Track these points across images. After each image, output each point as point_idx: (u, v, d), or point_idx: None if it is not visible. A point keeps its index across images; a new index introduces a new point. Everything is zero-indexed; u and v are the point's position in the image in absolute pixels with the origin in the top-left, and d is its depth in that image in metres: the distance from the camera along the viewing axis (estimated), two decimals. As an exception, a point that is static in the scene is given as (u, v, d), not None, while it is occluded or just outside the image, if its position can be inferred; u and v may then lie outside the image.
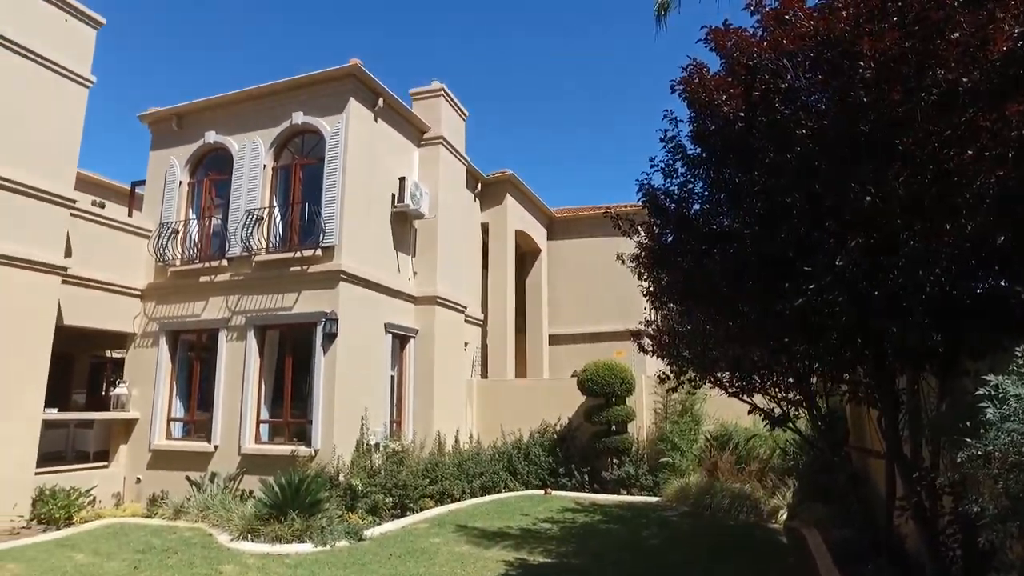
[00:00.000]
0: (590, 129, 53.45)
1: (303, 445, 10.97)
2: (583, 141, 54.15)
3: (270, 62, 55.37)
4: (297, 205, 12.15)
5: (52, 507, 9.88)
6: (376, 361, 12.27)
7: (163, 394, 12.33)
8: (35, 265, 10.24)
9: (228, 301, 12.04)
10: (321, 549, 8.39)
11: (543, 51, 49.75)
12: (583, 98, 52.06)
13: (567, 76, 51.40)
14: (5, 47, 10.21)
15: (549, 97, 53.11)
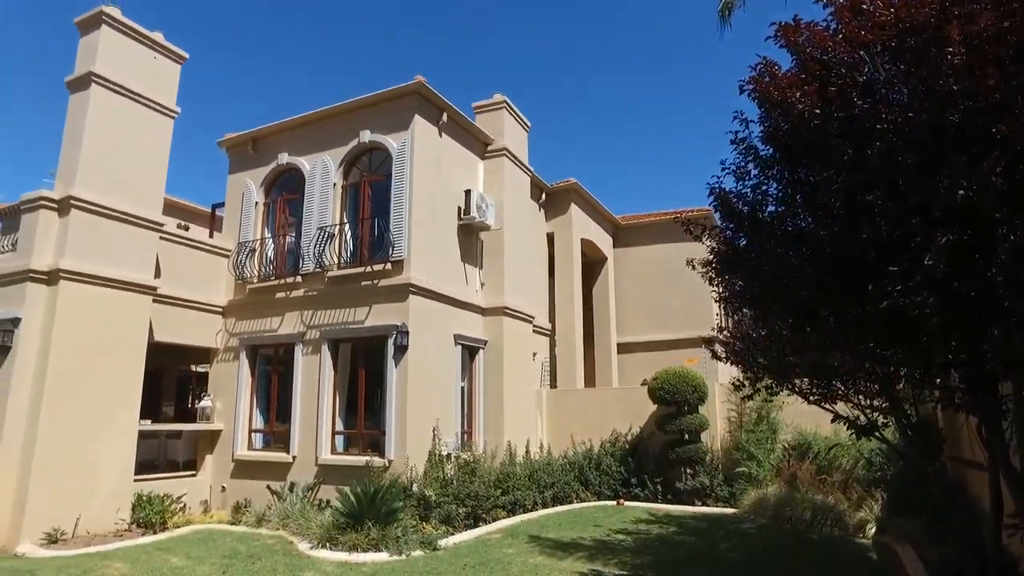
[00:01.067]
0: (652, 135, 52.80)
1: (377, 456, 11.19)
2: (647, 147, 53.53)
3: (337, 83, 57.35)
4: (367, 221, 12.48)
5: (149, 512, 10.51)
6: (446, 372, 12.42)
7: (244, 406, 12.85)
8: (130, 286, 10.94)
9: (303, 316, 12.47)
10: (397, 558, 8.50)
11: (602, 59, 49.58)
12: (646, 105, 51.52)
13: (627, 83, 51.03)
14: (105, 87, 11.04)
15: (611, 105, 52.83)
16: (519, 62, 51.27)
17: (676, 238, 19.42)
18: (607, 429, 14.36)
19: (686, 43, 48.19)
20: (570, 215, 18.12)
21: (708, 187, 6.35)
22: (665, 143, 53.72)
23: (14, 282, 10.21)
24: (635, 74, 50.80)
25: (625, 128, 53.45)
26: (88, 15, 11.28)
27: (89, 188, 10.58)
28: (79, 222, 10.43)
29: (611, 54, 49.51)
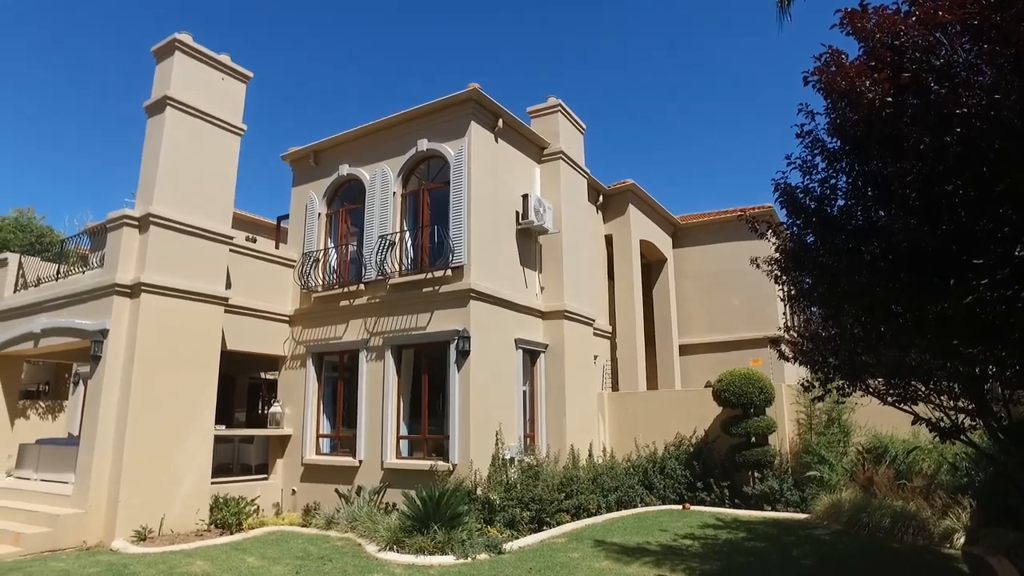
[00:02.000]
0: (711, 134, 51.76)
1: (441, 460, 11.32)
2: (705, 148, 52.52)
3: (394, 94, 58.53)
4: (426, 228, 12.68)
5: (226, 514, 10.94)
6: (508, 376, 12.46)
7: (312, 412, 13.22)
8: (203, 297, 11.45)
9: (366, 323, 12.75)
10: (463, 561, 8.55)
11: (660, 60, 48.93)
12: (701, 103, 50.58)
13: (683, 82, 50.18)
14: (179, 109, 11.63)
15: (668, 106, 52.06)
16: (573, 64, 51.16)
17: (737, 237, 19.15)
18: (670, 432, 14.12)
19: (742, 39, 47.10)
20: (628, 216, 17.95)
21: (773, 183, 6.18)
22: (720, 142, 52.57)
23: (102, 296, 10.84)
24: (691, 73, 49.95)
25: (682, 127, 52.59)
26: (163, 43, 11.89)
27: (165, 205, 11.13)
28: (157, 238, 10.98)
29: (666, 52, 48.83)
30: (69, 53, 63.17)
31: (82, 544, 9.77)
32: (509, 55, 54.59)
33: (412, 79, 55.10)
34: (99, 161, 64.83)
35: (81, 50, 62.99)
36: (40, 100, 65.53)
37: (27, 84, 61.91)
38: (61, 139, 68.11)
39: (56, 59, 62.31)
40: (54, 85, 63.18)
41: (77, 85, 63.83)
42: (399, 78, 57.95)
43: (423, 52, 58.60)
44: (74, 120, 67.25)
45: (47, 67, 62.34)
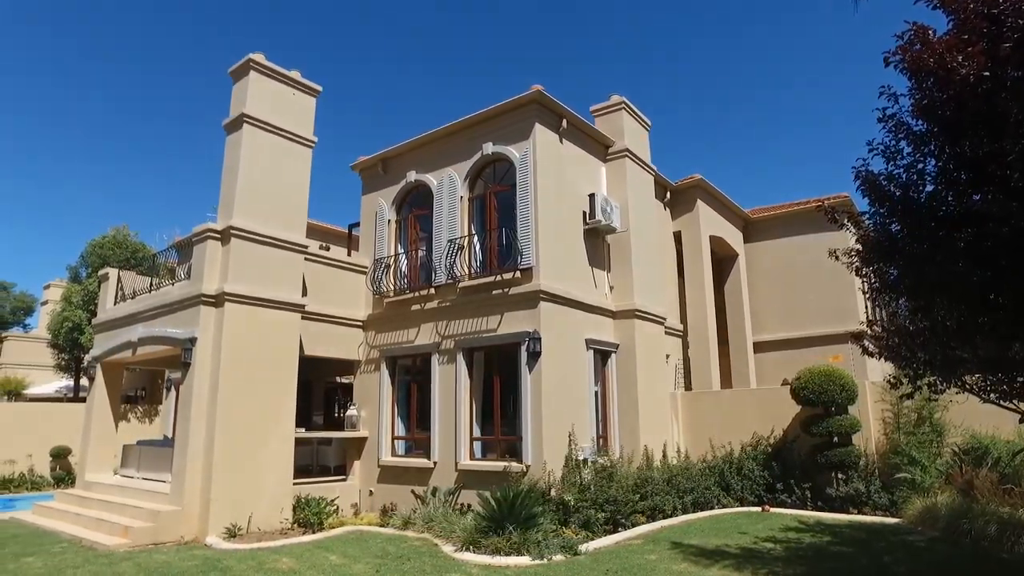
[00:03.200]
0: (775, 127, 50.06)
1: (515, 461, 11.35)
2: (770, 140, 50.83)
3: (459, 98, 59.36)
4: (494, 231, 12.77)
5: (308, 513, 11.31)
6: (579, 377, 12.39)
7: (387, 415, 13.52)
8: (282, 305, 11.89)
9: (437, 326, 12.94)
10: (538, 562, 8.54)
11: (721, 56, 47.70)
12: (768, 97, 48.97)
13: (750, 78, 48.75)
14: (255, 126, 12.16)
15: (733, 100, 50.70)
16: (637, 61, 50.52)
17: (811, 229, 18.47)
18: (747, 432, 13.71)
19: (807, 24, 45.37)
20: (697, 212, 17.57)
21: (853, 171, 5.90)
22: (787, 135, 50.71)
23: (190, 305, 11.43)
24: (757, 64, 48.44)
25: (748, 122, 51.06)
26: (239, 64, 12.46)
27: (245, 217, 11.63)
28: (238, 249, 11.48)
29: (734, 49, 47.56)
30: (155, 81, 67.09)
31: (180, 539, 10.33)
32: (569, 52, 54.46)
33: (476, 83, 55.75)
34: (184, 179, 68.54)
35: (166, 76, 66.79)
36: (128, 126, 69.86)
37: (118, 111, 66.05)
38: (148, 160, 72.40)
39: (142, 88, 66.27)
40: (141, 111, 67.20)
41: (161, 110, 67.69)
42: (463, 81, 58.75)
43: (486, 55, 59.20)
44: (158, 142, 71.34)
45: (140, 98, 66.37)
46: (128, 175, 76.77)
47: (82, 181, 75.65)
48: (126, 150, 75.74)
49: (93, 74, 68.62)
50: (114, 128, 73.63)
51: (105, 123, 72.84)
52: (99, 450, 14.18)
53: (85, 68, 66.96)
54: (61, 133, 72.17)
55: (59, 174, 73.98)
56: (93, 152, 75.11)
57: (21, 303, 42.40)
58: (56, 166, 73.66)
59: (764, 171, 54.26)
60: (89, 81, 68.56)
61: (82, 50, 66.20)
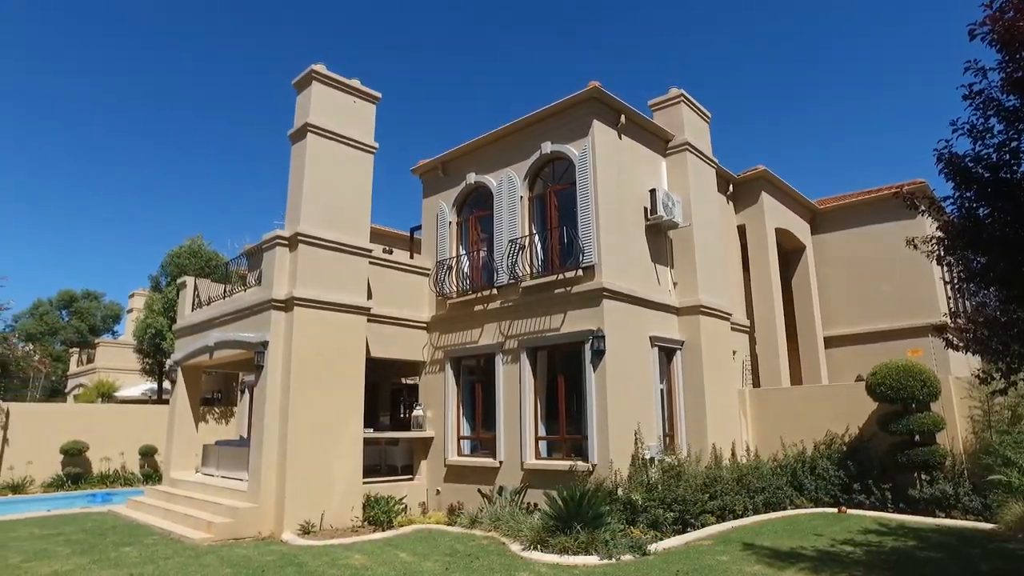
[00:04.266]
0: (840, 117, 48.11)
1: (580, 460, 11.31)
2: (836, 130, 48.91)
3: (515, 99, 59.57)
4: (555, 230, 12.75)
5: (377, 511, 11.58)
6: (644, 375, 12.25)
7: (452, 415, 13.69)
8: (348, 308, 12.20)
9: (500, 326, 13.02)
10: (607, 562, 8.47)
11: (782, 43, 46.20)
12: (832, 84, 47.12)
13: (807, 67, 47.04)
14: (318, 134, 12.51)
15: (794, 90, 49.02)
16: (694, 53, 49.51)
17: (883, 218, 17.70)
18: (819, 430, 13.23)
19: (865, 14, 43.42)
20: (761, 204, 17.08)
21: (935, 153, 5.58)
22: (853, 124, 48.65)
23: (261, 310, 11.86)
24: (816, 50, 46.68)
25: (812, 112, 49.27)
26: (302, 75, 12.85)
27: (311, 224, 11.99)
28: (305, 255, 11.85)
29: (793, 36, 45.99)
30: (222, 94, 70.03)
31: (258, 534, 10.74)
32: (624, 46, 53.84)
33: (532, 81, 55.85)
34: (253, 189, 71.27)
35: (236, 89, 69.61)
36: (202, 139, 73.13)
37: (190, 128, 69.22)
38: (218, 171, 75.63)
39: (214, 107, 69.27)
40: (215, 126, 70.23)
41: (235, 122, 70.56)
42: (518, 80, 58.97)
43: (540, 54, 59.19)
44: (229, 154, 74.41)
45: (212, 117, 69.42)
46: (201, 186, 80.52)
47: (159, 193, 79.78)
48: (199, 162, 79.45)
49: (173, 89, 72.29)
50: (186, 142, 77.35)
51: (177, 136, 76.62)
52: (182, 449, 14.91)
53: (171, 83, 70.59)
54: (139, 146, 76.28)
55: (137, 187, 78.26)
56: (169, 164, 79.11)
57: (110, 311, 45.07)
58: (135, 179, 77.95)
59: (829, 161, 52.29)
60: (172, 100, 72.27)
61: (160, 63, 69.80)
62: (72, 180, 76.88)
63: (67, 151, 75.02)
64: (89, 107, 73.56)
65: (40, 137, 72.32)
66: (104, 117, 75.50)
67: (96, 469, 19.41)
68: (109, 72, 71.40)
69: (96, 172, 77.63)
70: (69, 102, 71.52)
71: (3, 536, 10.95)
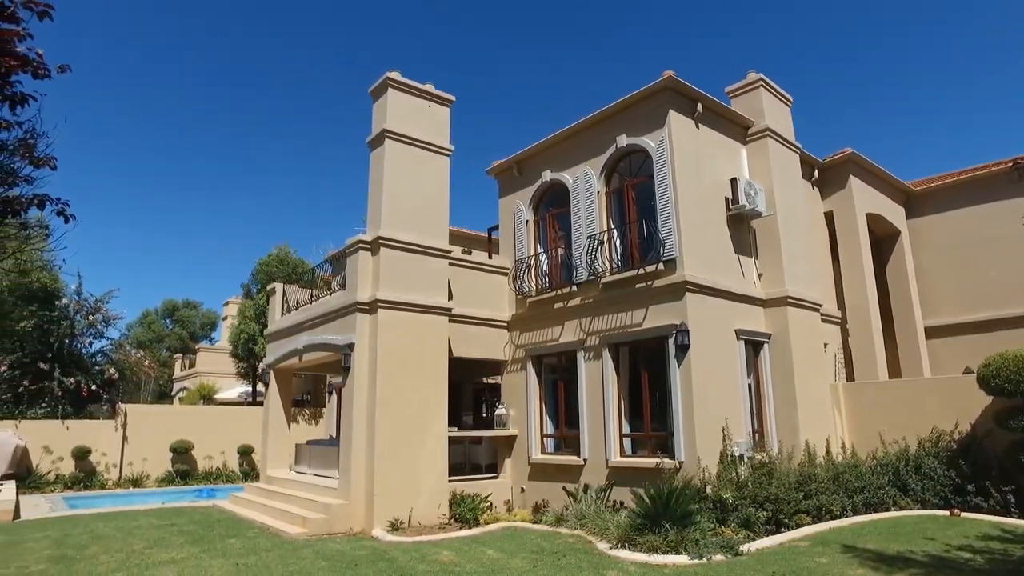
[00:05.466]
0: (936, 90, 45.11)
1: (667, 457, 11.09)
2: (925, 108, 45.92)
3: (587, 95, 59.18)
4: (634, 224, 12.56)
5: (463, 509, 11.74)
6: (730, 370, 11.89)
7: (535, 413, 13.71)
8: (430, 309, 12.44)
9: (581, 324, 12.94)
10: (697, 562, 8.26)
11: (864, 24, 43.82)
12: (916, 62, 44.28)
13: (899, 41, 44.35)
14: (395, 140, 12.82)
15: (879, 68, 46.41)
16: (771, 37, 47.71)
17: (990, 197, 16.49)
18: (924, 426, 12.41)
19: None
20: (850, 189, 16.24)
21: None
22: (943, 100, 45.50)
23: (346, 313, 12.26)
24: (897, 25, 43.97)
25: (901, 90, 46.47)
26: (377, 83, 13.20)
27: (392, 228, 12.29)
28: (387, 258, 12.15)
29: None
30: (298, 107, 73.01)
31: (349, 530, 11.11)
32: (696, 30, 52.47)
33: (604, 74, 55.38)
34: (335, 197, 74.05)
35: (308, 100, 72.51)
36: (285, 152, 76.55)
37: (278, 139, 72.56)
38: (302, 180, 78.95)
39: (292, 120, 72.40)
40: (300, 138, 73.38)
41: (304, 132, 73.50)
42: (590, 75, 58.58)
43: (611, 47, 58.57)
44: (312, 162, 77.59)
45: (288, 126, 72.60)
46: (287, 194, 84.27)
47: (248, 204, 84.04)
48: (283, 171, 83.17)
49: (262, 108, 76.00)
50: (270, 154, 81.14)
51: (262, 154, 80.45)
52: (276, 448, 15.63)
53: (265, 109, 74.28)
54: (226, 167, 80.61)
55: (225, 200, 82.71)
56: (252, 182, 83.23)
57: (207, 319, 47.96)
58: (222, 193, 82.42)
59: (920, 144, 49.18)
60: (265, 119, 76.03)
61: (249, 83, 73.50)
62: (170, 199, 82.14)
63: (165, 175, 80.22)
64: (184, 130, 78.43)
65: (140, 161, 77.66)
66: (196, 141, 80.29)
67: (200, 467, 20.68)
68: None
69: (189, 190, 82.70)
70: (159, 129, 76.43)
71: (128, 524, 12.00)
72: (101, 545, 10.06)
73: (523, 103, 71.03)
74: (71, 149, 30.36)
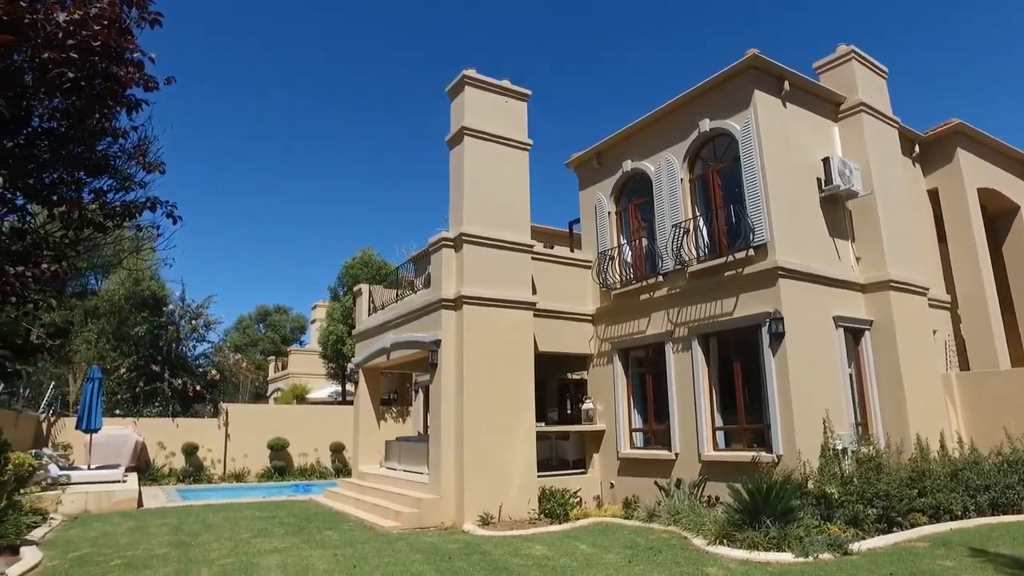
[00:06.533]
0: None
1: (764, 451, 10.62)
2: None
3: (665, 82, 57.98)
4: (720, 210, 12.12)
5: (553, 504, 11.67)
6: (829, 359, 11.26)
7: (622, 407, 13.47)
8: (514, 304, 12.45)
9: (668, 315, 12.60)
10: (803, 560, 7.86)
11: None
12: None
13: None
14: (474, 137, 12.90)
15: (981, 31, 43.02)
16: (859, 8, 45.14)
17: None
18: (1060, 420, 11.34)
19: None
20: (957, 163, 15.07)
21: None
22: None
23: (432, 311, 12.44)
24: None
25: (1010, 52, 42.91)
26: (454, 82, 13.32)
27: (474, 224, 12.37)
28: (470, 254, 12.24)
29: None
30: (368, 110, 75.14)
31: (440, 524, 11.25)
32: (780, 6, 50.30)
33: (681, 61, 54.09)
34: (416, 198, 75.96)
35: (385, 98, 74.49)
36: (371, 160, 79.04)
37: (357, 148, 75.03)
38: (383, 183, 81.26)
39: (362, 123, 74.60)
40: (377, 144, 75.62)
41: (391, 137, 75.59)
42: (666, 62, 57.33)
43: (686, 32, 57.11)
44: (389, 162, 79.80)
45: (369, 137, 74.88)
46: (368, 198, 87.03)
47: (331, 211, 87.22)
48: (366, 174, 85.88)
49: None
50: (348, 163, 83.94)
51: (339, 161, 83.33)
52: (367, 445, 16.06)
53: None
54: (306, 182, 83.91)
55: (307, 209, 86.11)
56: (332, 192, 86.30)
57: (296, 323, 50.16)
58: (302, 203, 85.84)
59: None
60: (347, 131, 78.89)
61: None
62: (256, 208, 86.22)
63: (255, 189, 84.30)
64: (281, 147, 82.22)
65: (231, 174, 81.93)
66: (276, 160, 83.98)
67: (296, 463, 21.60)
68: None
69: (272, 200, 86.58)
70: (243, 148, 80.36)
71: (234, 515, 12.73)
72: (212, 533, 10.66)
73: (599, 95, 70.43)
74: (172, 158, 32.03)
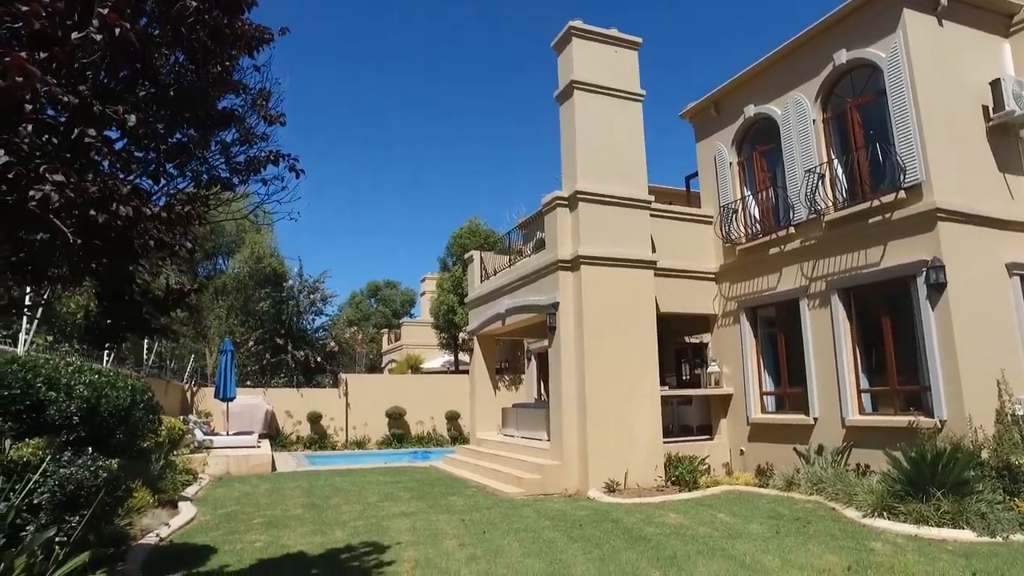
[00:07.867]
0: None
1: (922, 415, 9.52)
2: None
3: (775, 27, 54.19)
4: (861, 150, 10.87)
5: (681, 471, 11.11)
6: (1001, 312, 9.85)
7: (752, 369, 12.60)
8: (633, 263, 11.85)
9: (802, 268, 11.56)
10: (989, 540, 6.98)
11: None
12: None
13: None
14: (584, 90, 12.28)
15: None
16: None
17: None
18: None
19: None
20: None
21: None
22: None
23: (548, 273, 12.06)
24: None
25: None
26: (560, 35, 12.70)
27: (588, 180, 11.82)
28: (586, 212, 11.72)
29: None
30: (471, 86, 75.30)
31: (564, 491, 10.98)
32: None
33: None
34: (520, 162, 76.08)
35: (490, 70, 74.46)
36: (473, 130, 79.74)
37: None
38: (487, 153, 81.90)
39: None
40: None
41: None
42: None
43: (793, -20, 52.90)
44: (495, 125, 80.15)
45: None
46: (474, 166, 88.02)
47: (434, 185, 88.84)
48: (469, 146, 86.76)
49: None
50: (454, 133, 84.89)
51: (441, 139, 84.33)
52: (484, 412, 16.06)
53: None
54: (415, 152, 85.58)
55: (415, 181, 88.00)
56: (440, 161, 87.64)
57: (406, 297, 51.67)
58: (409, 176, 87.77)
59: None
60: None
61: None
62: (362, 184, 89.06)
63: (362, 167, 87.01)
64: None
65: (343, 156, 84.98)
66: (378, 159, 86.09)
67: (413, 431, 22.15)
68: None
69: (382, 177, 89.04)
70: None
71: (360, 480, 13.06)
72: (341, 497, 10.93)
73: (708, 42, 67.00)
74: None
